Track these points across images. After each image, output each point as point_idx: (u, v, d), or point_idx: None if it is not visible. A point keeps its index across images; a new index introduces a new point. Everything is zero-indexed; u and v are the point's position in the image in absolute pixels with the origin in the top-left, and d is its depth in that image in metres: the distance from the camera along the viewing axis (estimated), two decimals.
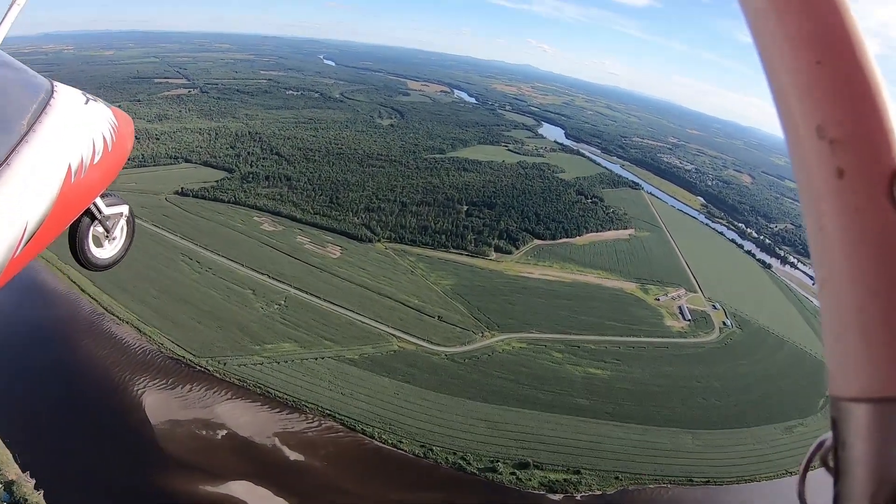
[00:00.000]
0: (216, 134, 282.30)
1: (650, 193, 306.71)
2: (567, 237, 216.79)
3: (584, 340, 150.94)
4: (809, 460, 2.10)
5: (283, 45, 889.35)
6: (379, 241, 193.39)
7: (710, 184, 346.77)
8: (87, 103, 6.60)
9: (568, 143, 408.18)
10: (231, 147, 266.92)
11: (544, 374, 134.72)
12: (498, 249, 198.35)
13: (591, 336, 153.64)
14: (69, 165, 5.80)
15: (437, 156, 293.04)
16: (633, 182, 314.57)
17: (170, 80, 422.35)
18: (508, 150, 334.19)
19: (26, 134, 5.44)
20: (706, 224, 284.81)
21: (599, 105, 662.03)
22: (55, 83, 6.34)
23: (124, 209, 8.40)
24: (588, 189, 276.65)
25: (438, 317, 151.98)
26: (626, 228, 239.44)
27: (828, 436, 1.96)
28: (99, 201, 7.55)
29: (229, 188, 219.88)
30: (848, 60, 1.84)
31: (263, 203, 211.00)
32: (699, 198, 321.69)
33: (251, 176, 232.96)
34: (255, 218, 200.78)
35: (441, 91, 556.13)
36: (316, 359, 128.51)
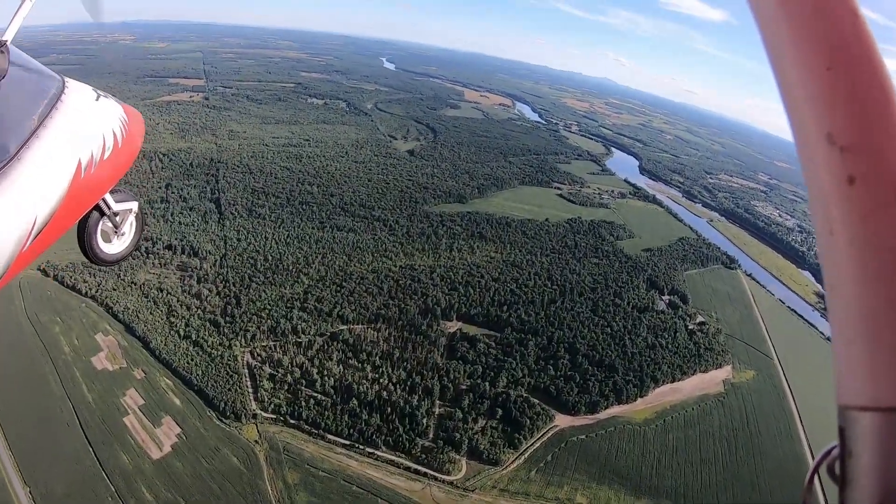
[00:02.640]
0: (161, 163, 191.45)
1: (749, 275, 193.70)
2: (620, 402, 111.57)
3: None
4: (815, 468, 1.98)
5: (350, 44, 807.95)
6: (255, 418, 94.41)
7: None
8: (97, 99, 6.33)
9: (642, 181, 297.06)
10: (164, 187, 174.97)
11: None
12: (474, 453, 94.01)
13: None
14: (79, 161, 5.57)
15: (453, 207, 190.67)
16: (728, 256, 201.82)
17: (185, 81, 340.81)
18: (560, 195, 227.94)
19: (37, 129, 5.24)
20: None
21: (679, 128, 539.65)
22: (66, 79, 6.03)
23: (133, 205, 8.00)
24: (666, 275, 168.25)
25: None
26: (719, 367, 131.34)
27: (834, 444, 1.86)
28: (108, 197, 7.22)
29: (100, 270, 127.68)
30: (859, 66, 1.75)
31: (124, 306, 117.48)
32: (806, 273, 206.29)
33: (145, 248, 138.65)
34: (99, 336, 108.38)
35: (500, 104, 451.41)
36: None
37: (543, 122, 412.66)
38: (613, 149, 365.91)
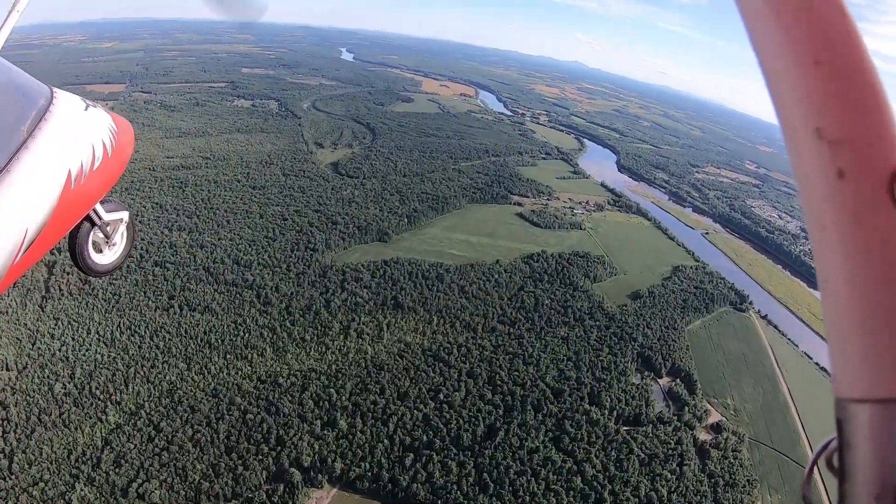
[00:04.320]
0: None
1: (763, 316, 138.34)
2: None
3: None
4: (814, 461, 1.93)
5: (312, 35, 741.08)
6: None
7: None
8: (86, 109, 6.08)
9: (621, 181, 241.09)
10: None
11: None
12: None
13: None
14: (69, 171, 5.38)
15: (367, 252, 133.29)
16: (736, 291, 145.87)
17: (104, 87, 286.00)
18: (521, 215, 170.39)
19: (26, 140, 5.04)
20: None
21: (655, 112, 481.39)
22: (55, 89, 5.81)
23: (124, 215, 7.75)
24: (662, 341, 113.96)
25: None
26: None
27: (833, 437, 1.80)
28: (99, 207, 6.97)
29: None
30: (846, 61, 1.69)
31: None
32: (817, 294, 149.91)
33: None
34: None
35: (462, 94, 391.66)
36: None
37: (508, 113, 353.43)
38: (587, 141, 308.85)
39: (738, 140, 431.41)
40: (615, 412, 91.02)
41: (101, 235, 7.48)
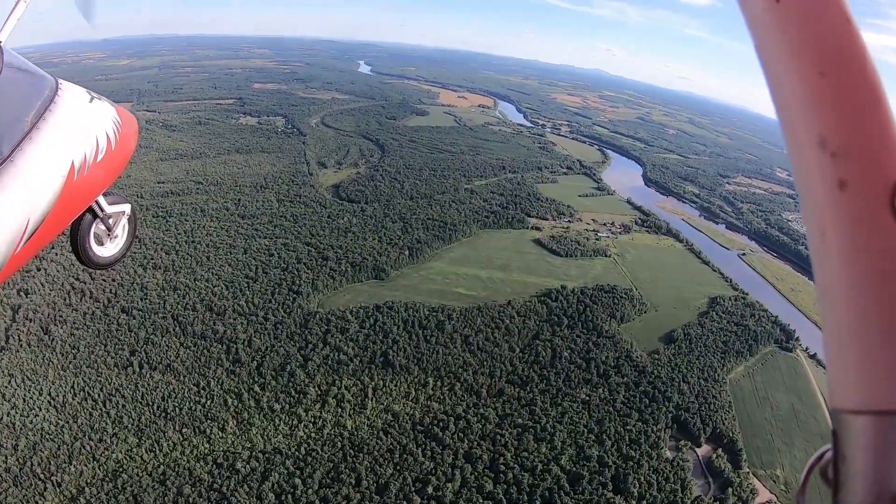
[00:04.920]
0: None
1: (812, 356, 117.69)
2: None
3: None
4: (809, 472, 1.88)
5: (331, 49, 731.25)
6: None
7: None
8: (91, 101, 6.04)
9: (648, 197, 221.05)
10: None
11: None
12: None
13: None
14: (72, 163, 5.31)
15: (359, 293, 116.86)
16: (781, 326, 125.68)
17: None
18: (538, 241, 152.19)
19: (30, 131, 4.99)
20: None
21: (680, 119, 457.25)
22: (60, 81, 5.75)
23: (126, 208, 7.70)
24: (701, 398, 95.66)
25: None
26: None
27: (828, 448, 1.76)
28: (101, 199, 6.87)
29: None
30: (851, 72, 1.66)
31: None
32: None
33: None
34: None
35: (480, 105, 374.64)
36: None
37: (528, 124, 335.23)
38: (611, 152, 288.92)
39: (765, 146, 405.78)
40: (645, 501, 72.51)
41: (102, 228, 7.23)
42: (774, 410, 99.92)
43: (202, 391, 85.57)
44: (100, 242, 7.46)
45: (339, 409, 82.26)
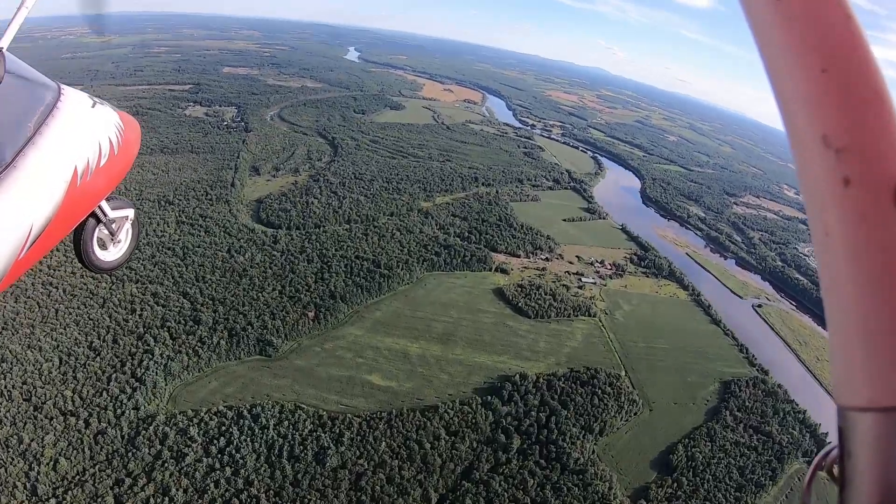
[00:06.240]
0: None
1: None
2: None
3: None
4: (815, 469, 1.87)
5: (324, 33, 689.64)
6: None
7: None
8: (94, 107, 5.87)
9: (647, 220, 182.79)
10: None
11: None
12: None
13: None
14: (75, 168, 5.18)
15: (236, 375, 77.83)
16: (812, 432, 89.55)
17: None
18: (500, 291, 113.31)
19: (33, 136, 4.88)
20: None
21: (680, 125, 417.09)
22: (62, 86, 5.58)
23: (129, 213, 7.44)
24: None
25: None
26: None
27: (834, 445, 1.73)
28: (104, 204, 6.71)
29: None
30: (854, 69, 1.63)
31: None
32: None
33: None
34: None
35: (466, 100, 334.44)
36: None
37: (516, 124, 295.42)
38: (606, 161, 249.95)
39: (769, 157, 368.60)
40: None
41: (105, 232, 7.04)
42: None
43: None
44: (103, 247, 7.12)
45: None
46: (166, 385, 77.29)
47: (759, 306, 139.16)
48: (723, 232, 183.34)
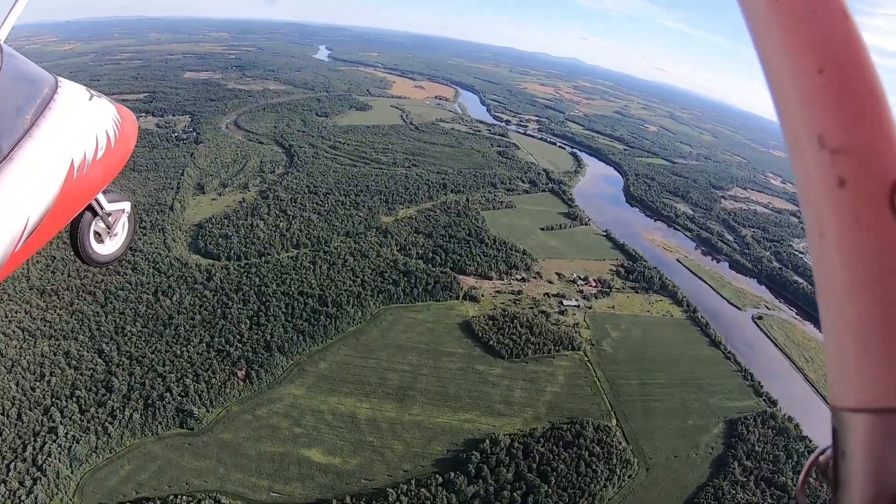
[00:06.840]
0: None
1: None
2: None
3: None
4: (808, 470, 1.83)
5: (295, 32, 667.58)
6: None
7: None
8: (90, 99, 5.74)
9: (632, 223, 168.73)
10: None
11: None
12: None
13: None
14: (72, 161, 5.09)
15: (140, 463, 61.56)
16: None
17: None
18: (468, 328, 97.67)
19: (29, 129, 4.77)
20: None
21: (660, 114, 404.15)
22: (59, 78, 5.47)
23: (126, 206, 7.28)
24: None
25: None
26: None
27: (827, 446, 1.72)
28: (101, 197, 6.57)
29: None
30: (850, 69, 1.62)
31: None
32: None
33: None
34: None
35: (438, 97, 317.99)
36: None
37: (490, 120, 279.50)
38: (585, 157, 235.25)
39: (751, 144, 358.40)
40: None
41: (102, 226, 6.93)
42: None
43: None
44: (99, 240, 7.00)
45: None
46: (72, 473, 61.81)
47: (760, 318, 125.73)
48: (713, 231, 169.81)
